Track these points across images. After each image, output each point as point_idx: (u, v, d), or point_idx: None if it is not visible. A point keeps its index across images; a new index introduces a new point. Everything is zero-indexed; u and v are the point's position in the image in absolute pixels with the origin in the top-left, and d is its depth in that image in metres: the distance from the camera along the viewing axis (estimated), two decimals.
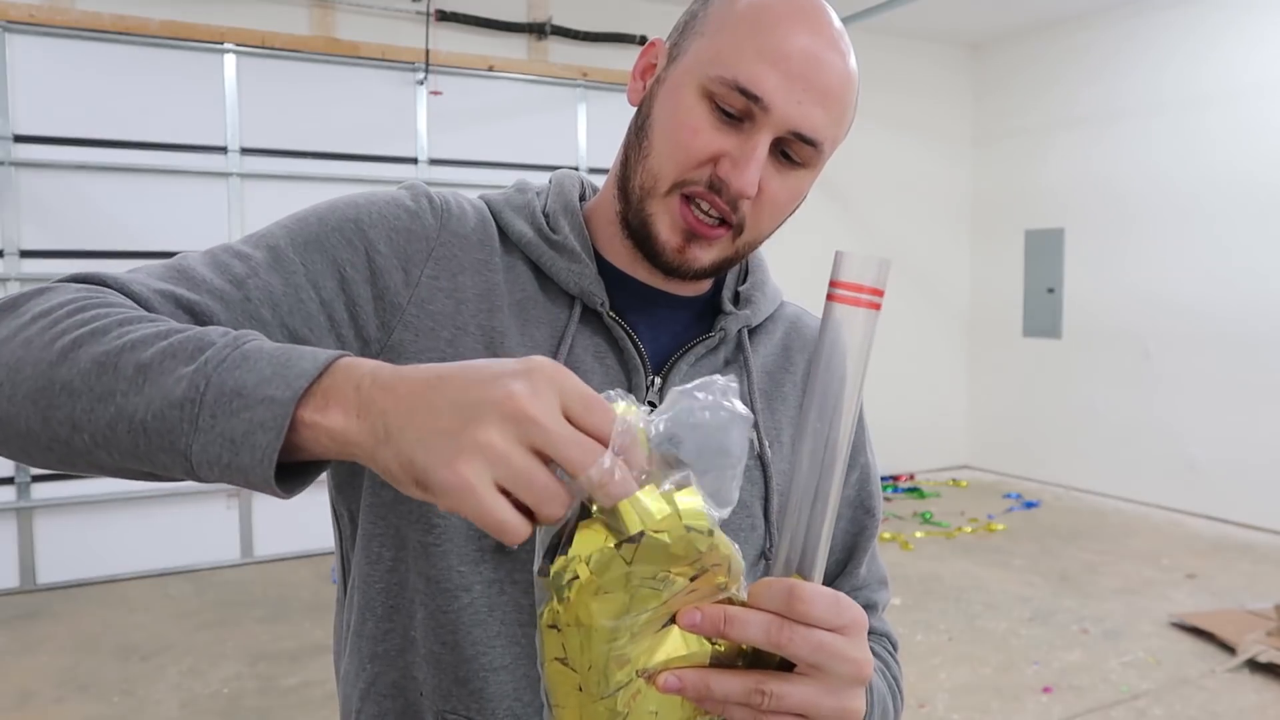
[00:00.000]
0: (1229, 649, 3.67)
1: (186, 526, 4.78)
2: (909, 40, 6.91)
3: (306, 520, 4.79)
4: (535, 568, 0.54)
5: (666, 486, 0.51)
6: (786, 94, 0.71)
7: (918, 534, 5.46)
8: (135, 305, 0.63)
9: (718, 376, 0.53)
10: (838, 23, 0.75)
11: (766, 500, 0.83)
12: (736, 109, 0.72)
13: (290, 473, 0.55)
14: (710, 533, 0.52)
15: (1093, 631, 3.93)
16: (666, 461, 0.52)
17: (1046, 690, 3.38)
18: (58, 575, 4.54)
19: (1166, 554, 5.05)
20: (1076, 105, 6.52)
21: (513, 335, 0.77)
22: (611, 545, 0.51)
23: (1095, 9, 6.29)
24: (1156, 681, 3.44)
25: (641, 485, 0.51)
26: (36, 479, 4.51)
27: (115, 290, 0.65)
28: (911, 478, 6.94)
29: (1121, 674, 3.52)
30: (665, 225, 0.75)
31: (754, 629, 0.55)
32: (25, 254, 4.45)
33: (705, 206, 0.74)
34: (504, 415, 0.48)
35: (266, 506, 4.94)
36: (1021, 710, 3.24)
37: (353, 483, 0.79)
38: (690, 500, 0.51)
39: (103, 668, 3.57)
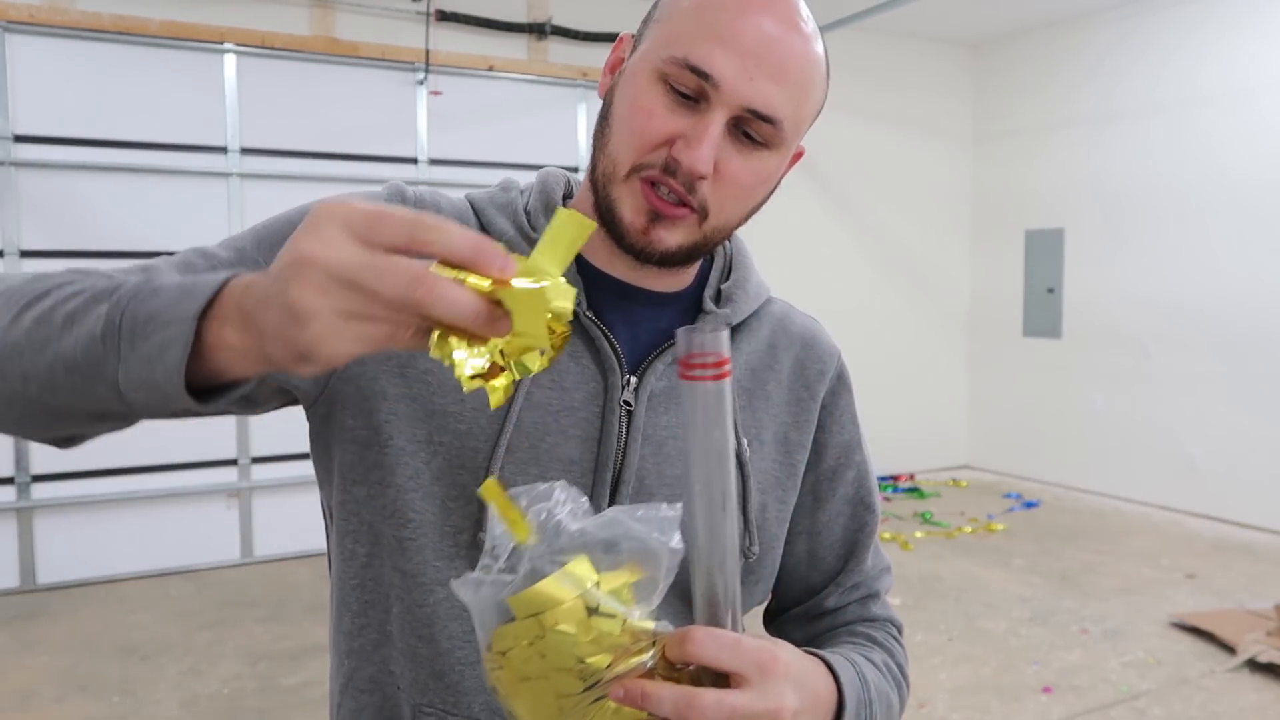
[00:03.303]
0: (1229, 649, 3.67)
1: (186, 526, 4.78)
2: (909, 40, 6.91)
3: (306, 520, 4.79)
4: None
5: (590, 588, 0.55)
6: (738, 71, 0.71)
7: (918, 534, 5.46)
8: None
9: (664, 505, 0.57)
10: (801, 6, 0.75)
11: (744, 498, 0.83)
12: (690, 89, 0.72)
13: (215, 394, 0.59)
14: (623, 621, 0.56)
15: (1093, 631, 3.93)
16: (590, 551, 0.57)
17: (1046, 690, 3.38)
18: (58, 575, 4.54)
19: (1166, 554, 5.05)
20: (1076, 105, 6.52)
21: None
22: (525, 643, 0.56)
23: (1095, 8, 6.29)
24: (1156, 681, 3.44)
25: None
26: (36, 479, 4.51)
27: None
28: (911, 478, 6.94)
29: (1121, 674, 3.52)
30: (629, 208, 0.75)
31: (666, 706, 0.59)
32: (25, 254, 4.45)
33: (664, 191, 0.74)
34: (298, 268, 0.50)
35: (266, 507, 4.94)
36: (1021, 710, 3.24)
37: (328, 480, 0.81)
38: (607, 594, 0.56)
39: (103, 668, 3.57)
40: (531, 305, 0.49)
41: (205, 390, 0.58)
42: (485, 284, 0.49)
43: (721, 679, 0.62)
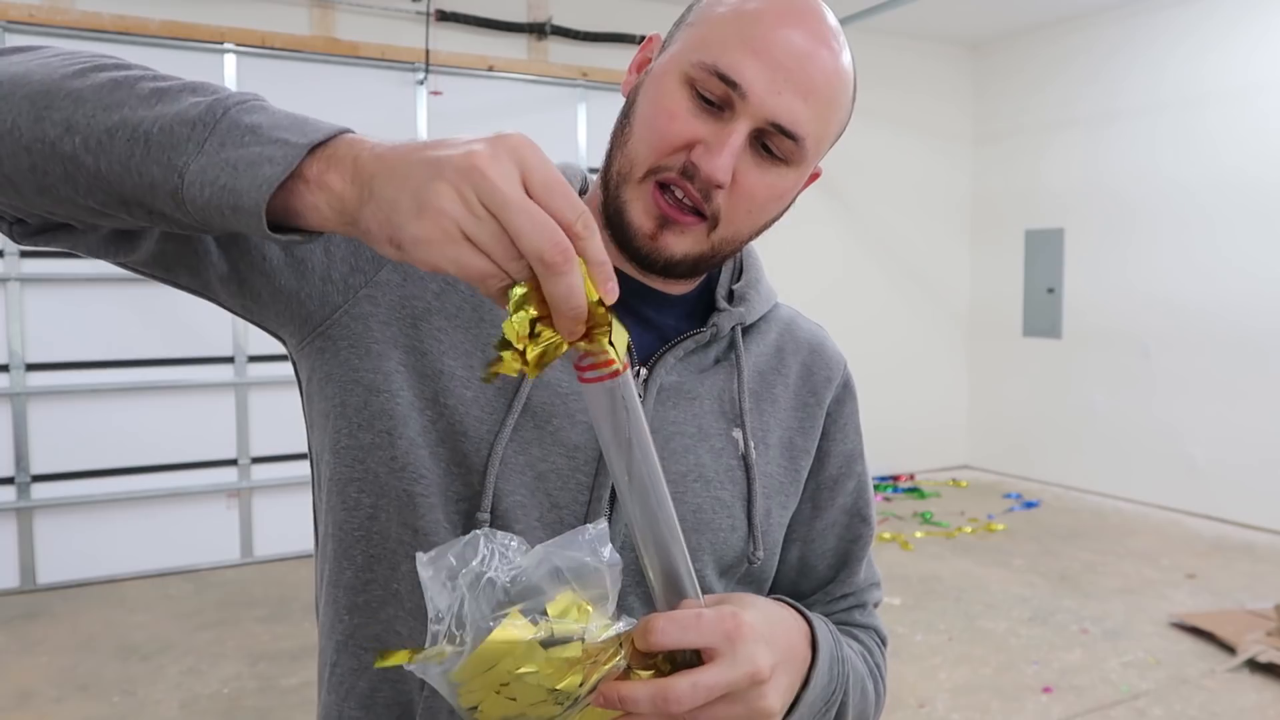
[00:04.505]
0: (1229, 649, 3.67)
1: (186, 526, 4.78)
2: (909, 40, 6.91)
3: (306, 520, 4.78)
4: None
5: (536, 619, 0.56)
6: (767, 83, 0.70)
7: (918, 534, 5.45)
8: None
9: (588, 527, 0.58)
10: (832, 21, 0.75)
11: (749, 502, 0.82)
12: (716, 96, 0.71)
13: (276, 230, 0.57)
14: (581, 642, 0.57)
15: (1093, 631, 3.93)
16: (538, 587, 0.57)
17: (1046, 690, 3.38)
18: (58, 575, 4.53)
19: (1166, 554, 5.05)
20: (1077, 105, 6.52)
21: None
22: (493, 692, 0.56)
23: (1095, 8, 6.29)
24: (1156, 681, 3.44)
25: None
26: (36, 479, 4.51)
27: None
28: (911, 478, 6.94)
29: (1121, 674, 3.52)
30: (638, 211, 0.74)
31: (644, 705, 0.60)
32: (25, 254, 4.45)
33: (679, 194, 0.73)
34: (460, 170, 0.50)
35: (266, 507, 4.94)
36: (1021, 710, 3.23)
37: (324, 421, 0.78)
38: (559, 616, 0.57)
39: (103, 668, 3.57)
40: (618, 328, 0.55)
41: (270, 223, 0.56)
42: (593, 295, 0.53)
43: (696, 655, 0.63)
